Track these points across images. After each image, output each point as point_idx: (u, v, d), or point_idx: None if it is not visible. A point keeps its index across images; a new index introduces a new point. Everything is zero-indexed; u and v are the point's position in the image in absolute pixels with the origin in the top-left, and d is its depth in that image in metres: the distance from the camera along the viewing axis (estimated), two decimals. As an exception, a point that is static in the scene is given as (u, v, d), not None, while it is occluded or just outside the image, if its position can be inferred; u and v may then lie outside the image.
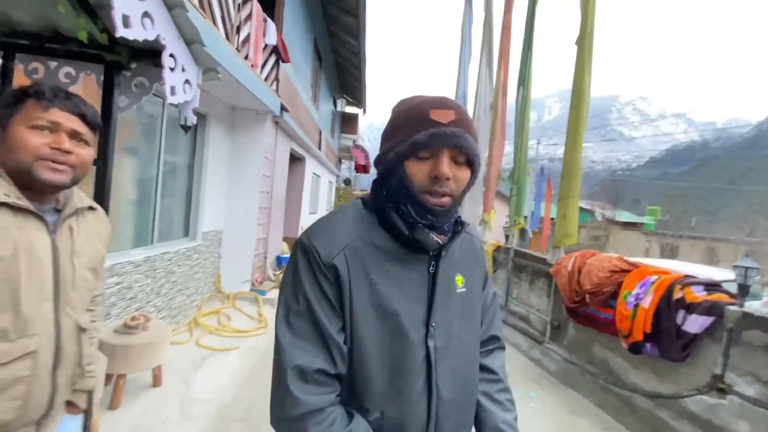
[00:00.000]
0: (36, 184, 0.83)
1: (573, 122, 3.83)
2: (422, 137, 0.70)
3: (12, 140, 0.82)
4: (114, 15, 1.09)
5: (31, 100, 0.84)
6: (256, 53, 4.21)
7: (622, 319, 2.96)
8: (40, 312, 0.85)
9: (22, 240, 0.81)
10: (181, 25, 1.38)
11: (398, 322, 0.74)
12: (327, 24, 9.09)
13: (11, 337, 0.80)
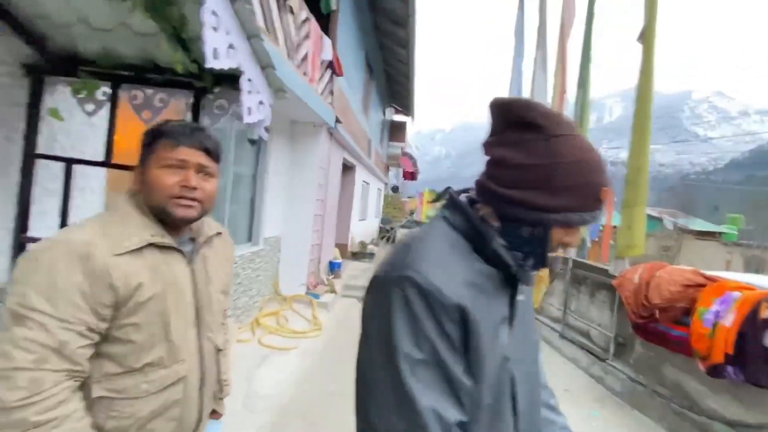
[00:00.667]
0: (171, 219, 0.90)
1: (639, 124, 3.61)
2: (590, 219, 0.66)
3: (150, 180, 0.88)
4: (206, 49, 1.24)
5: (163, 139, 0.89)
6: (313, 69, 4.45)
7: (699, 338, 2.71)
8: (187, 339, 0.92)
9: (168, 275, 0.88)
10: (257, 52, 1.53)
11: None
12: (377, 36, 9.34)
13: (165, 364, 0.88)
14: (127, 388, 0.83)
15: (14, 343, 0.72)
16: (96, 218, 0.88)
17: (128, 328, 0.83)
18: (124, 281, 0.81)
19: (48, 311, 0.74)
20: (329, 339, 4.33)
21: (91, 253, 0.78)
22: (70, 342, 0.75)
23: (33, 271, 0.76)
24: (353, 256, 9.84)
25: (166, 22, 1.34)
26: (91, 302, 0.78)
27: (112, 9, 1.43)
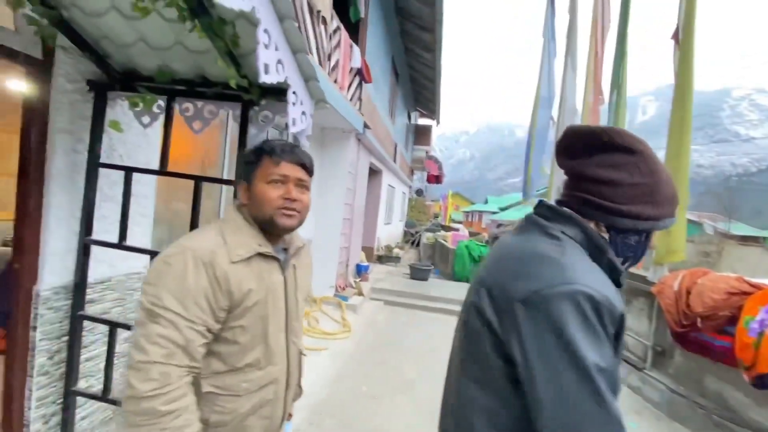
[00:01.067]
0: (276, 230, 1.00)
1: (677, 125, 3.50)
2: (669, 225, 0.80)
3: (258, 195, 0.98)
4: (259, 64, 1.33)
5: (266, 157, 0.99)
6: (343, 77, 4.56)
7: (743, 347, 2.60)
8: (278, 343, 1.01)
9: (269, 282, 0.97)
10: (302, 65, 1.61)
11: None
12: (403, 41, 9.42)
13: (262, 365, 0.97)
14: (231, 385, 0.92)
15: (149, 338, 0.81)
16: (213, 227, 0.97)
17: (236, 329, 0.92)
18: (238, 287, 0.90)
19: (179, 311, 0.83)
20: (358, 341, 4.40)
21: (215, 260, 0.88)
22: (194, 340, 0.84)
23: (166, 274, 0.85)
24: (379, 260, 9.92)
25: (220, 41, 1.43)
26: (212, 305, 0.87)
27: (171, 29, 1.55)
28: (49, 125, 1.76)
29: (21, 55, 1.67)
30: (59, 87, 1.76)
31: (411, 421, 2.92)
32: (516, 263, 0.74)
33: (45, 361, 1.81)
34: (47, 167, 1.76)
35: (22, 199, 1.74)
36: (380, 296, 6.40)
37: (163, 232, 2.63)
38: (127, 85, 1.86)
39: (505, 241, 0.87)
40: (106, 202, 2.04)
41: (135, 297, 2.24)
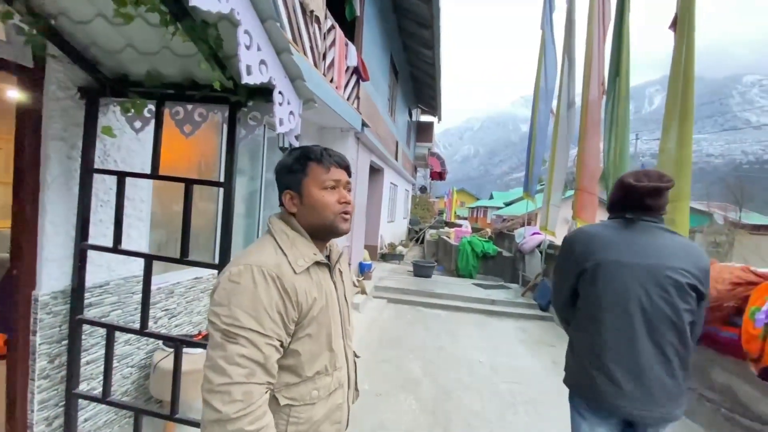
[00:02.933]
0: (333, 235, 1.01)
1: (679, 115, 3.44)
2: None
3: (313, 201, 0.98)
4: (240, 66, 1.33)
5: (313, 163, 0.99)
6: (339, 76, 4.56)
7: (750, 339, 2.55)
8: (340, 347, 1.02)
9: (327, 288, 0.99)
10: (287, 65, 1.61)
11: None
12: (402, 38, 9.39)
13: (329, 371, 0.98)
14: (303, 395, 0.93)
15: (229, 359, 0.80)
16: (267, 241, 0.96)
17: (304, 339, 0.92)
18: (305, 297, 0.91)
19: (256, 328, 0.83)
20: (361, 339, 4.41)
21: (281, 273, 0.88)
22: (271, 356, 0.85)
23: (236, 292, 0.84)
24: (383, 258, 9.92)
25: (204, 44, 1.44)
26: (284, 318, 0.88)
27: (157, 34, 1.56)
28: (43, 133, 1.78)
29: (12, 64, 1.69)
30: (51, 95, 1.79)
31: (416, 418, 2.92)
32: (688, 250, 1.42)
33: (46, 365, 1.84)
34: (42, 174, 1.78)
35: (18, 206, 1.77)
36: (384, 294, 6.40)
37: (161, 235, 2.66)
38: (118, 91, 1.88)
39: (636, 237, 1.45)
40: (102, 206, 2.06)
41: (135, 299, 2.27)
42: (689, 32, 3.34)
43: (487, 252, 8.74)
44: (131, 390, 2.31)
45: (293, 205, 1.00)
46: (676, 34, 3.38)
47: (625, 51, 4.71)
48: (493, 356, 4.31)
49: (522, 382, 3.69)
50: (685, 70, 3.38)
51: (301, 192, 0.99)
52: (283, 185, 1.02)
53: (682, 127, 3.41)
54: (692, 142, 3.52)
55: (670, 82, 3.48)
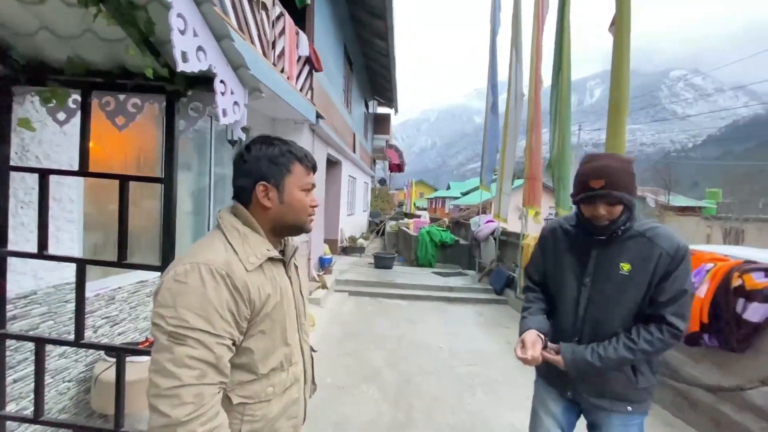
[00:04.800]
0: (298, 234, 1.03)
1: (614, 107, 3.69)
2: (583, 196, 1.32)
3: (293, 201, 0.98)
4: (175, 52, 1.24)
5: (298, 163, 0.99)
6: (290, 66, 4.42)
7: (676, 309, 2.83)
8: (295, 342, 1.01)
9: (281, 284, 0.97)
10: (228, 53, 1.53)
11: None
12: (355, 29, 9.27)
13: (284, 367, 0.97)
14: (258, 392, 0.92)
15: (177, 362, 0.78)
16: (216, 238, 0.93)
17: (257, 336, 0.91)
18: (257, 294, 0.89)
19: (206, 328, 0.80)
20: (323, 333, 4.37)
21: (232, 271, 0.85)
22: (223, 356, 0.83)
23: (183, 293, 0.81)
24: (343, 251, 9.87)
25: (132, 28, 1.33)
26: (236, 317, 0.85)
27: (76, 16, 1.41)
28: (-56, 127, 1.57)
29: None
30: (-48, 83, 1.57)
31: (378, 408, 2.95)
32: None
33: (-37, 387, 1.65)
34: (-54, 174, 1.57)
35: None
36: (345, 287, 6.38)
37: (98, 237, 2.45)
38: (36, 79, 1.69)
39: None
40: (23, 208, 1.86)
41: (69, 308, 2.08)
42: (626, 33, 3.58)
43: (445, 241, 8.97)
44: (70, 406, 2.13)
45: (268, 199, 0.97)
46: (615, 33, 3.61)
47: (566, 47, 4.97)
48: (452, 341, 4.45)
49: (479, 363, 3.84)
50: (622, 66, 3.63)
51: (282, 189, 0.97)
52: (257, 176, 0.96)
53: (617, 118, 3.67)
54: (626, 132, 3.80)
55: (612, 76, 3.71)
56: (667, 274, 1.27)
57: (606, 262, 1.34)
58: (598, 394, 1.38)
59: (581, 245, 1.41)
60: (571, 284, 1.41)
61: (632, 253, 1.31)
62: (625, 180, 1.27)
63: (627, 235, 1.33)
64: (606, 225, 1.30)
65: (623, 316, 1.33)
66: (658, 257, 1.28)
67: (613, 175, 1.27)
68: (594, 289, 1.36)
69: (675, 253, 1.28)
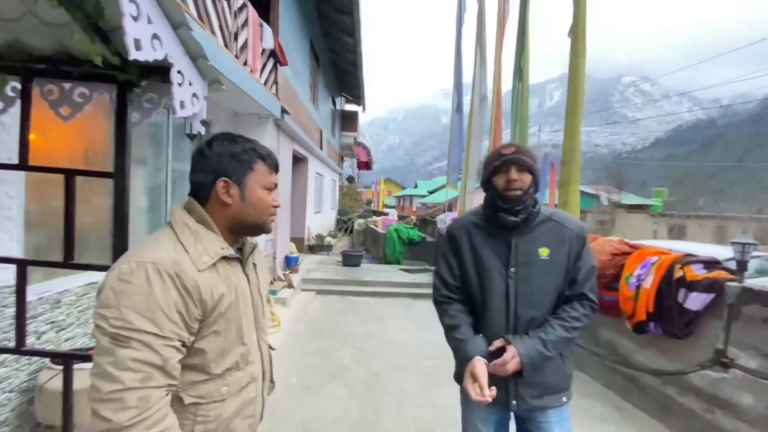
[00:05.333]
0: (258, 234, 1.02)
1: (570, 110, 3.88)
2: (498, 163, 1.32)
3: (255, 200, 0.96)
4: (126, 39, 1.18)
5: (262, 162, 0.97)
6: (254, 59, 4.29)
7: (625, 300, 3.02)
8: (253, 341, 1.00)
9: (237, 283, 0.95)
10: (186, 42, 1.46)
11: None
12: (322, 24, 9.14)
13: (240, 366, 0.95)
14: (212, 392, 0.90)
15: (120, 365, 0.75)
16: (166, 235, 0.89)
17: (210, 336, 0.89)
18: (209, 295, 0.86)
19: (152, 330, 0.77)
20: (289, 333, 4.30)
21: (182, 271, 0.83)
22: (170, 358, 0.80)
23: (127, 293, 0.78)
24: (310, 250, 9.74)
25: (79, 12, 1.24)
26: (185, 317, 0.83)
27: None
28: None
29: None
30: None
31: (346, 405, 2.94)
32: None
33: None
34: None
35: None
36: (312, 286, 6.31)
37: (42, 237, 2.28)
38: (-31, 64, 1.54)
39: None
40: (-47, 205, 1.69)
41: (8, 313, 1.92)
42: (582, 40, 3.77)
43: (413, 238, 9.07)
44: (11, 418, 1.97)
45: (229, 196, 0.94)
46: (572, 39, 3.78)
47: (526, 51, 5.17)
48: (419, 336, 4.52)
49: (445, 357, 3.90)
50: (578, 71, 3.81)
51: (244, 186, 0.95)
52: (219, 172, 0.94)
53: (574, 121, 3.85)
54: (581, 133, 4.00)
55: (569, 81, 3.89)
56: (579, 255, 1.34)
57: (527, 249, 1.34)
58: (539, 393, 1.35)
59: (499, 237, 1.36)
60: (498, 279, 1.34)
61: (547, 237, 1.34)
62: (531, 155, 1.32)
63: (538, 220, 1.35)
64: (518, 196, 1.28)
65: (550, 302, 1.35)
66: (570, 239, 1.33)
67: (521, 147, 1.35)
68: (520, 279, 1.33)
69: (582, 234, 1.35)
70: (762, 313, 2.37)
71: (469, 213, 1.47)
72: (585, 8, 3.83)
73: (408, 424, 2.75)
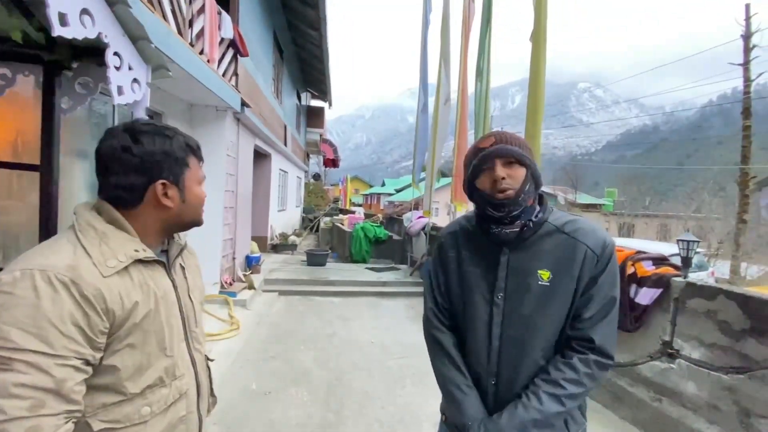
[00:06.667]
0: (188, 229, 0.95)
1: (531, 113, 3.97)
2: (476, 161, 1.02)
3: (194, 198, 0.91)
4: (49, 13, 1.04)
5: (193, 156, 0.91)
6: (211, 48, 4.07)
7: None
8: (181, 353, 0.89)
9: (157, 289, 0.84)
10: (125, 21, 1.32)
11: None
12: (286, 16, 8.88)
13: (166, 382, 0.85)
14: (130, 414, 0.78)
15: (1, 392, 0.63)
16: (64, 239, 0.77)
17: (123, 351, 0.77)
18: (119, 303, 0.75)
19: (39, 349, 0.66)
20: (249, 337, 4.13)
21: (79, 277, 0.71)
22: (67, 380, 0.68)
23: (9, 306, 0.66)
24: (274, 249, 9.46)
25: (-10, -23, 1.08)
26: (87, 332, 0.71)
27: None
28: None
29: None
30: None
31: (307, 410, 2.85)
32: None
33: None
34: None
35: None
36: (274, 287, 6.11)
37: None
38: None
39: None
40: None
41: None
42: (542, 45, 3.87)
43: (379, 237, 9.03)
44: None
45: (168, 199, 0.85)
46: (532, 45, 3.88)
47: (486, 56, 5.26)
48: (383, 336, 4.48)
49: (409, 356, 3.91)
50: (538, 76, 3.91)
51: (182, 186, 0.87)
52: (154, 173, 0.83)
53: (534, 123, 3.95)
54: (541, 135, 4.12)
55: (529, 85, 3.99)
56: (593, 279, 0.98)
57: (520, 270, 1.01)
58: None
59: (486, 250, 1.05)
60: (481, 305, 1.04)
61: (551, 255, 0.99)
62: (519, 141, 1.02)
63: (542, 232, 1.02)
64: (511, 197, 0.97)
65: (546, 342, 1.00)
66: (582, 257, 0.98)
67: (503, 134, 1.03)
68: (509, 309, 1.01)
69: (602, 251, 0.98)
70: (704, 306, 2.52)
71: (462, 216, 1.20)
72: (546, 14, 3.94)
73: (371, 426, 2.70)
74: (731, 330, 2.36)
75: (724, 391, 2.34)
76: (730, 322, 2.36)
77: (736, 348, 2.32)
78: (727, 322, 2.38)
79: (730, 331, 2.36)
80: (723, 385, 2.35)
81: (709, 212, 19.74)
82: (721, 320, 2.41)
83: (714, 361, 2.42)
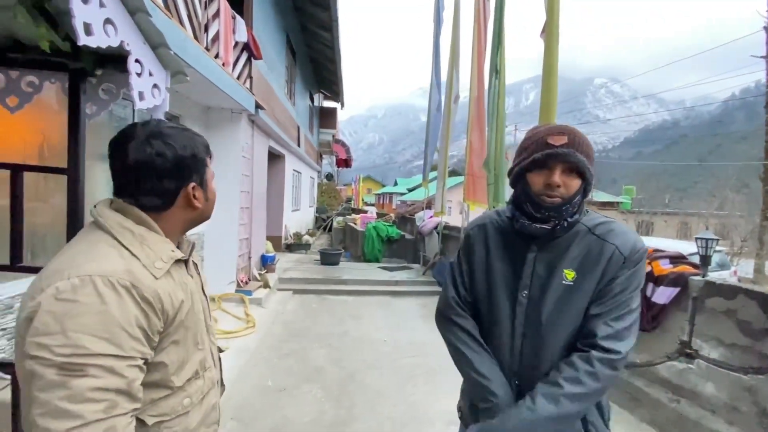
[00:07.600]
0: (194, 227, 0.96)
1: (544, 110, 3.93)
2: (539, 156, 0.96)
3: (213, 196, 0.96)
4: (75, 23, 1.09)
5: (207, 153, 0.94)
6: (226, 51, 4.15)
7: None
8: (207, 345, 0.94)
9: (189, 286, 0.88)
10: (145, 29, 1.38)
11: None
12: (299, 18, 8.97)
13: (200, 374, 0.90)
14: (174, 407, 0.83)
15: (76, 397, 0.65)
16: (102, 242, 0.77)
17: (170, 348, 0.81)
18: (170, 304, 0.79)
19: (112, 352, 0.68)
20: (264, 335, 4.21)
21: (137, 281, 0.73)
22: (136, 379, 0.72)
23: (75, 314, 0.67)
24: (288, 248, 9.58)
25: (21, -9, 1.14)
26: (147, 333, 0.75)
27: (-53, -28, 1.18)
28: None
29: None
30: None
31: (320, 406, 2.89)
32: None
33: None
34: None
35: None
36: (288, 286, 6.19)
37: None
38: None
39: None
40: None
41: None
42: (554, 40, 3.82)
43: (391, 236, 9.06)
44: (-46, 434, 1.82)
45: (197, 201, 0.88)
46: (545, 41, 3.84)
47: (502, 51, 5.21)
48: (395, 334, 4.51)
49: (421, 355, 3.93)
50: (551, 72, 3.87)
51: (205, 185, 0.91)
52: (187, 176, 0.85)
53: (547, 120, 3.91)
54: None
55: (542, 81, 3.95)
56: (613, 280, 0.95)
57: (546, 268, 1.00)
58: None
59: (514, 247, 1.05)
60: (504, 303, 1.04)
61: (579, 255, 0.98)
62: (589, 148, 0.96)
63: (573, 232, 1.00)
64: (558, 205, 0.95)
65: (567, 342, 0.98)
66: (609, 257, 0.95)
67: (576, 135, 0.95)
68: (531, 307, 1.00)
69: (630, 254, 0.95)
70: (723, 305, 2.47)
71: (494, 210, 1.18)
72: (558, 9, 3.89)
73: (383, 424, 2.73)
74: (751, 330, 2.30)
75: (743, 392, 2.29)
76: (750, 322, 2.31)
77: (757, 348, 2.26)
78: (747, 321, 2.33)
79: (750, 330, 2.31)
80: (743, 386, 2.30)
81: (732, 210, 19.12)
82: (741, 320, 2.36)
83: (733, 361, 2.37)
